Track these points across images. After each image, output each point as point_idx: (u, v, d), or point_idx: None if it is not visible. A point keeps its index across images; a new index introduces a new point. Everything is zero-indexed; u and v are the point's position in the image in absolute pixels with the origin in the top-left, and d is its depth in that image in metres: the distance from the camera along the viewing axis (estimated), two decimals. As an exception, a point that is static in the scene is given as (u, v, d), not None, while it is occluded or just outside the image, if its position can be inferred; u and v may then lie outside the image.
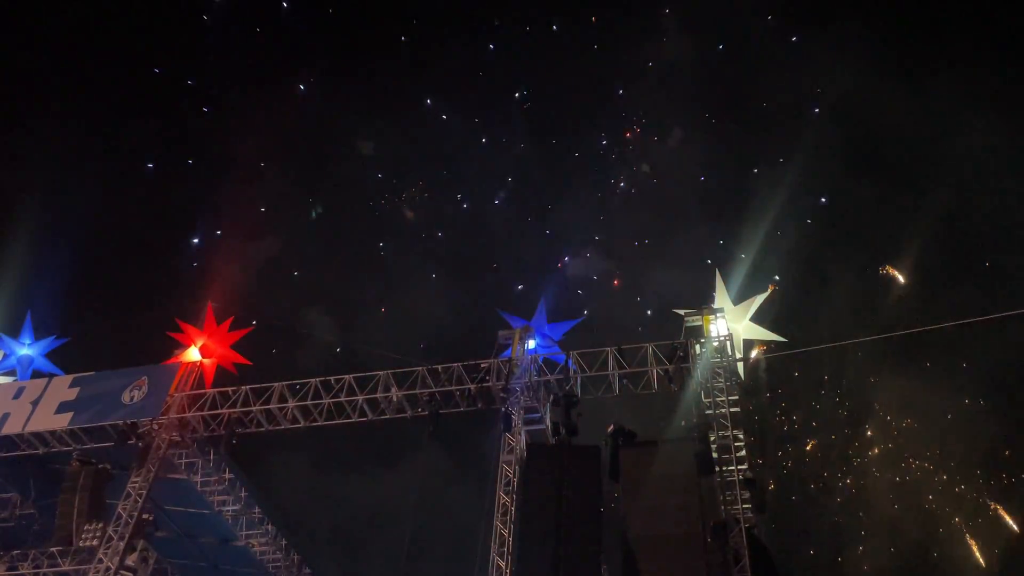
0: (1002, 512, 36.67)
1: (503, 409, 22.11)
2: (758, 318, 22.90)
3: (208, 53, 43.55)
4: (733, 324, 22.49)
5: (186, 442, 24.45)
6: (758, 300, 23.10)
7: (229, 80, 43.08)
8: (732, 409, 20.89)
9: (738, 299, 23.17)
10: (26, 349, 28.18)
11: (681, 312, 22.84)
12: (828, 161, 39.89)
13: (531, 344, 23.47)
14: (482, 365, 22.86)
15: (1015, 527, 36.32)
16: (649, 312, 40.42)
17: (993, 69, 37.35)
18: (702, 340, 21.96)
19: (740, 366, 21.92)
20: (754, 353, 22.82)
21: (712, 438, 20.50)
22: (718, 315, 22.31)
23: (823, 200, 40.07)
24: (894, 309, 39.30)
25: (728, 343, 21.80)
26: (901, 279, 39.66)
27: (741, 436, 20.65)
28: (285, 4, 45.05)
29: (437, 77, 44.13)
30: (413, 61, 44.55)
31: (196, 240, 42.22)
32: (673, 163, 42.38)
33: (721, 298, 23.01)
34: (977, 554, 36.18)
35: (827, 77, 40.39)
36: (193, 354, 26.13)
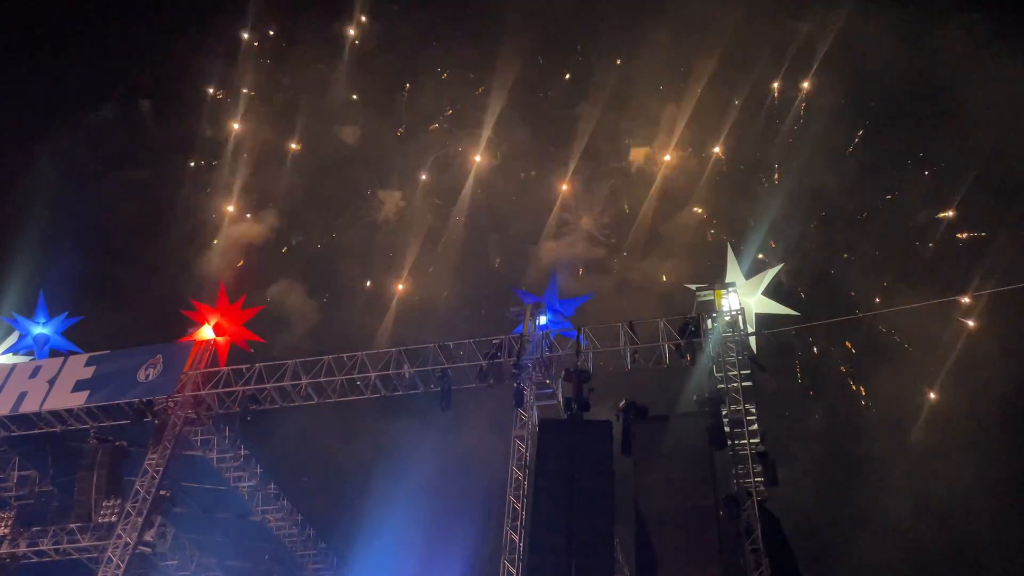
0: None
1: (515, 385, 22.16)
2: (771, 291, 22.87)
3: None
4: (745, 298, 22.45)
5: (201, 419, 24.67)
6: (770, 274, 23.04)
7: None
8: (744, 383, 20.90)
9: (750, 273, 23.13)
10: (41, 328, 28.35)
11: (693, 287, 22.84)
12: (842, 118, 38.93)
13: (543, 320, 23.50)
14: (494, 341, 22.94)
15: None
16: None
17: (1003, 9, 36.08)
18: (714, 315, 21.96)
19: (752, 340, 21.92)
20: None
21: (724, 412, 20.55)
22: (730, 289, 22.29)
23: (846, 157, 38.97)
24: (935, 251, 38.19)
25: (740, 317, 21.79)
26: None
27: (753, 410, 20.69)
28: None
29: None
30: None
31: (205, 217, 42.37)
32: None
33: (733, 273, 22.97)
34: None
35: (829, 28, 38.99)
36: (207, 332, 26.30)
